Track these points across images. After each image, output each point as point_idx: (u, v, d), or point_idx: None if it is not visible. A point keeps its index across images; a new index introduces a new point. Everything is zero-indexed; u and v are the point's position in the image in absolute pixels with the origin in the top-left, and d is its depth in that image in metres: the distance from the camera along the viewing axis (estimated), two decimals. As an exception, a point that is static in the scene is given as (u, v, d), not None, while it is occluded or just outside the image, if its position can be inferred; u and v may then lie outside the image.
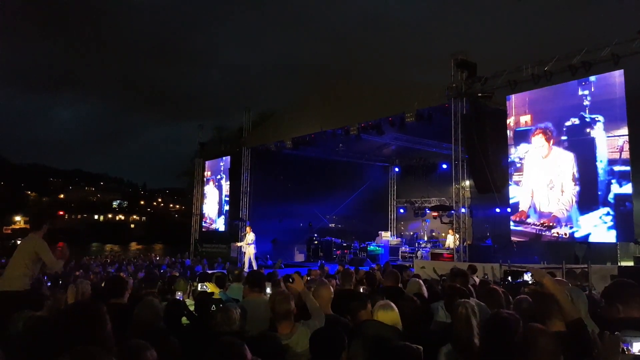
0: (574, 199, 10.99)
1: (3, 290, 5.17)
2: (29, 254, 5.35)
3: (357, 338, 3.21)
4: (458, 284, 4.71)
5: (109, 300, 4.02)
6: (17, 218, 67.68)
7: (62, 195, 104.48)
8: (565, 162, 11.26)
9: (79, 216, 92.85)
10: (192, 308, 4.32)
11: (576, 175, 11.00)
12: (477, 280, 7.21)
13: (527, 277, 6.30)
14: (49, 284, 8.96)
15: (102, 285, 7.20)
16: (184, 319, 3.93)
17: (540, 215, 11.66)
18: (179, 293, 4.67)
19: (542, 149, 11.78)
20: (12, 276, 5.29)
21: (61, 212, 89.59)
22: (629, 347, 2.17)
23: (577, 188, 10.96)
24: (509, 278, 7.41)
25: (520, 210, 12.15)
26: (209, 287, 4.96)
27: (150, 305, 3.39)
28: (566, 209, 11.15)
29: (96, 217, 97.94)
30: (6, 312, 3.81)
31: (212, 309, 3.93)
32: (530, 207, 11.92)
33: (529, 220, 11.90)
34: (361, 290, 5.56)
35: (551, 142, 11.60)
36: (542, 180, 11.74)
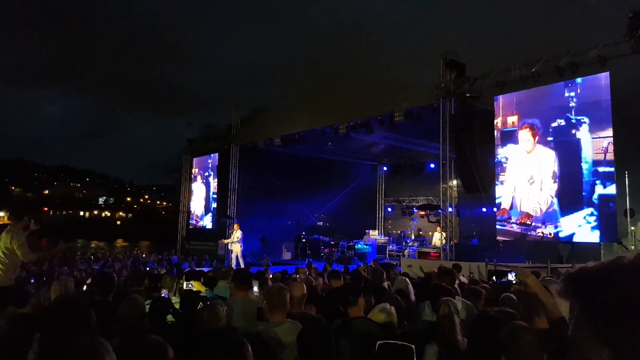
0: (552, 197, 11.13)
1: None
2: (9, 248, 5.31)
3: (346, 335, 3.22)
4: (445, 283, 4.75)
5: (94, 298, 3.99)
6: (1, 214, 66.66)
7: (47, 191, 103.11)
8: (547, 159, 11.41)
9: (64, 212, 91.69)
10: (177, 306, 4.29)
11: (557, 172, 11.14)
12: (463, 279, 7.27)
13: (512, 276, 6.37)
14: (32, 280, 8.85)
15: (87, 282, 7.13)
16: (170, 317, 3.91)
17: (520, 213, 11.80)
18: (165, 291, 4.63)
19: (527, 143, 11.89)
20: None
21: (46, 208, 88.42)
22: None
23: (556, 186, 11.10)
24: (494, 277, 7.49)
25: (502, 207, 12.29)
26: (195, 286, 4.94)
27: (134, 303, 3.37)
28: (540, 208, 11.29)
29: (82, 213, 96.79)
30: None
31: (199, 306, 3.92)
32: (511, 204, 12.06)
33: (511, 220, 12.03)
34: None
35: (537, 138, 11.72)
36: (523, 176, 11.88)
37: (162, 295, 4.58)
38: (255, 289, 4.45)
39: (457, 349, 3.03)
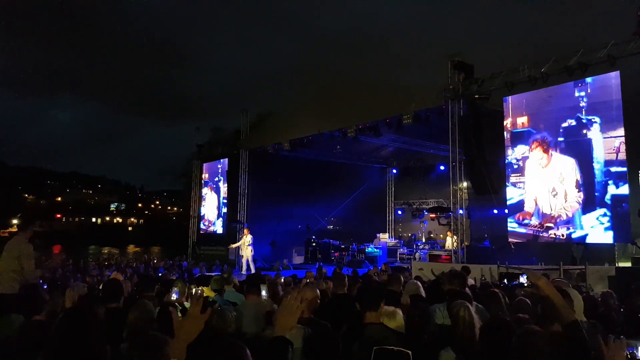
0: (579, 206, 10.96)
1: None
2: (15, 257, 5.40)
3: (359, 341, 3.19)
4: (455, 286, 4.71)
5: (105, 305, 4.01)
6: (14, 221, 67.40)
7: (59, 198, 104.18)
8: (567, 168, 11.22)
9: (77, 219, 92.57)
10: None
11: (580, 181, 10.97)
12: (472, 281, 7.21)
13: (523, 279, 6.30)
14: (45, 286, 8.91)
15: (100, 287, 7.17)
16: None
17: (542, 217, 11.65)
18: (176, 289, 4.65)
19: (541, 160, 11.76)
20: (2, 279, 5.33)
21: (59, 215, 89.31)
22: (634, 351, 2.15)
23: (582, 195, 10.92)
24: (505, 280, 7.42)
25: (524, 212, 12.10)
26: (204, 291, 4.95)
27: (144, 308, 3.38)
28: (566, 214, 11.15)
29: (94, 219, 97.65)
30: None
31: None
32: (533, 209, 11.88)
33: (532, 223, 11.86)
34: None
35: (550, 152, 11.58)
36: (544, 189, 11.72)
37: (173, 294, 4.60)
38: (264, 293, 4.45)
39: (476, 354, 2.98)
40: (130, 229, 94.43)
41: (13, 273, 5.40)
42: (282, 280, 8.68)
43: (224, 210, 22.10)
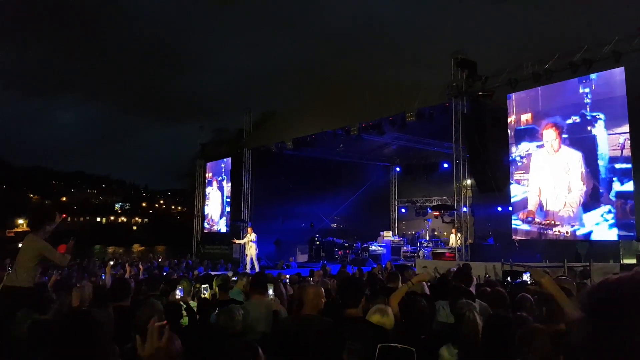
0: (582, 200, 10.92)
1: (11, 285, 5.42)
2: (30, 255, 5.55)
3: (351, 338, 3.22)
4: (463, 284, 4.73)
5: (113, 304, 4.04)
6: (20, 221, 67.77)
7: (64, 198, 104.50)
8: (573, 160, 11.19)
9: (82, 218, 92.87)
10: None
11: (584, 174, 10.94)
12: (475, 279, 7.22)
13: (527, 277, 6.28)
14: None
15: (107, 286, 7.21)
16: (184, 321, 3.94)
17: (546, 214, 11.61)
18: (180, 287, 4.68)
19: (554, 142, 11.57)
20: (19, 274, 5.53)
21: (63, 215, 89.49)
22: None
23: (585, 188, 10.89)
24: (509, 278, 7.41)
25: (528, 209, 12.07)
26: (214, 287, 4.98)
27: (152, 308, 3.41)
28: (572, 210, 11.11)
29: (98, 219, 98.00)
30: (13, 307, 3.90)
31: (216, 311, 3.95)
32: (537, 206, 11.85)
33: (536, 220, 11.83)
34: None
35: (562, 135, 11.47)
36: (549, 177, 11.65)
37: (177, 291, 4.63)
38: (271, 292, 4.47)
39: (479, 351, 3.02)
40: (134, 228, 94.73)
41: (30, 270, 5.59)
42: (288, 276, 8.72)
43: (228, 209, 22.15)
